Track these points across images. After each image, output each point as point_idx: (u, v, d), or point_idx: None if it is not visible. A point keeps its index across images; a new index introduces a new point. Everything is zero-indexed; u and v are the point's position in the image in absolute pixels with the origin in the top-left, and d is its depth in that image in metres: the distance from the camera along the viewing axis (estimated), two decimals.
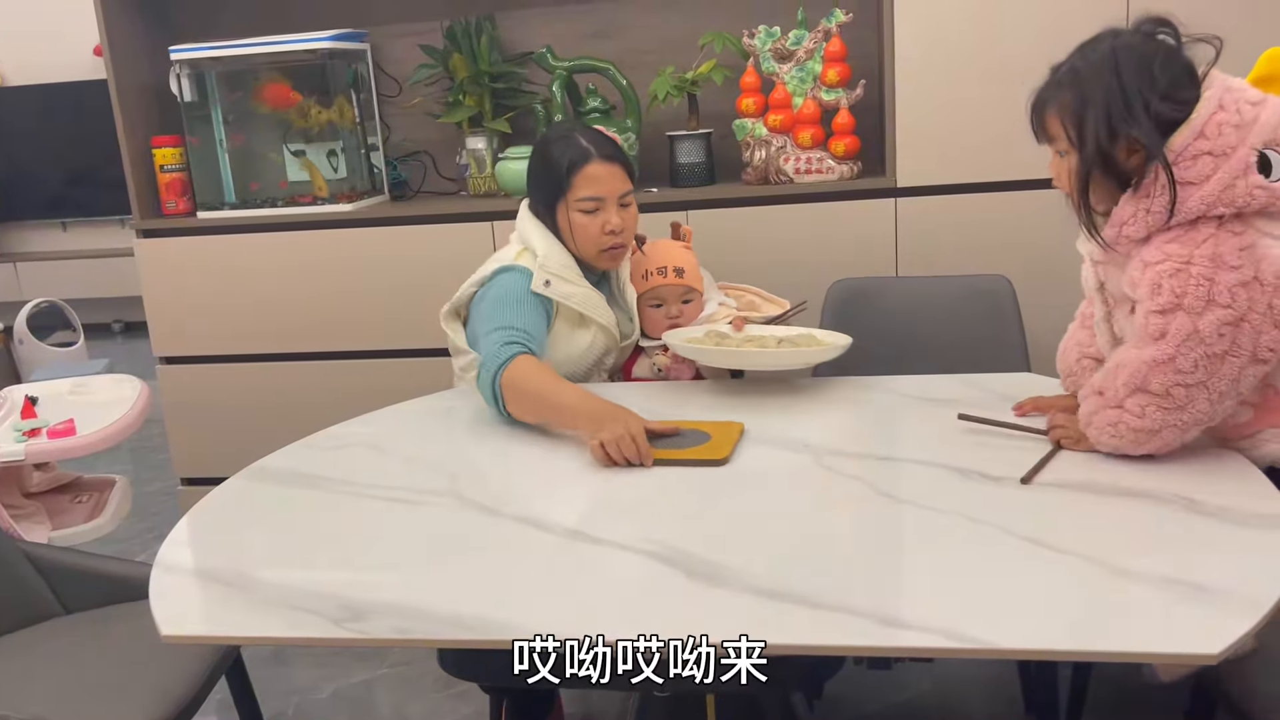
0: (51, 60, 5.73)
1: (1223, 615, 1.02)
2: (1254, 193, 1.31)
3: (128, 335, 6.14)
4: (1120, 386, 1.37)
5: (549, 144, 1.92)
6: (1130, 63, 1.35)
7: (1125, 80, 1.34)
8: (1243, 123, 1.32)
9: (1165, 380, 1.33)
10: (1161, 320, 1.33)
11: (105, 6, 2.63)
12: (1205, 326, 1.30)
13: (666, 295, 1.98)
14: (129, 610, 1.74)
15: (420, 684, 2.26)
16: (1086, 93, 1.37)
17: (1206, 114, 1.33)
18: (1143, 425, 1.36)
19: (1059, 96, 1.41)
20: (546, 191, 1.90)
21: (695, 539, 1.26)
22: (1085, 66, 1.39)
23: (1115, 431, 1.39)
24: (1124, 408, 1.37)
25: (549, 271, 1.85)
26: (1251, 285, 1.30)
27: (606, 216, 1.86)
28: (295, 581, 1.24)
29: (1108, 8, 2.19)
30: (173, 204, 2.78)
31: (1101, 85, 1.36)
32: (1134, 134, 1.34)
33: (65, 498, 2.59)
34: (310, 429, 1.76)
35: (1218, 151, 1.32)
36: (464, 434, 1.73)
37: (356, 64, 2.79)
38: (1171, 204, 1.33)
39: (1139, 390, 1.35)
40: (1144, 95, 1.34)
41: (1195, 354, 1.31)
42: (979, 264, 2.29)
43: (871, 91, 2.49)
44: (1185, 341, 1.31)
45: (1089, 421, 1.42)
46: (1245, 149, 1.32)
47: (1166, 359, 1.32)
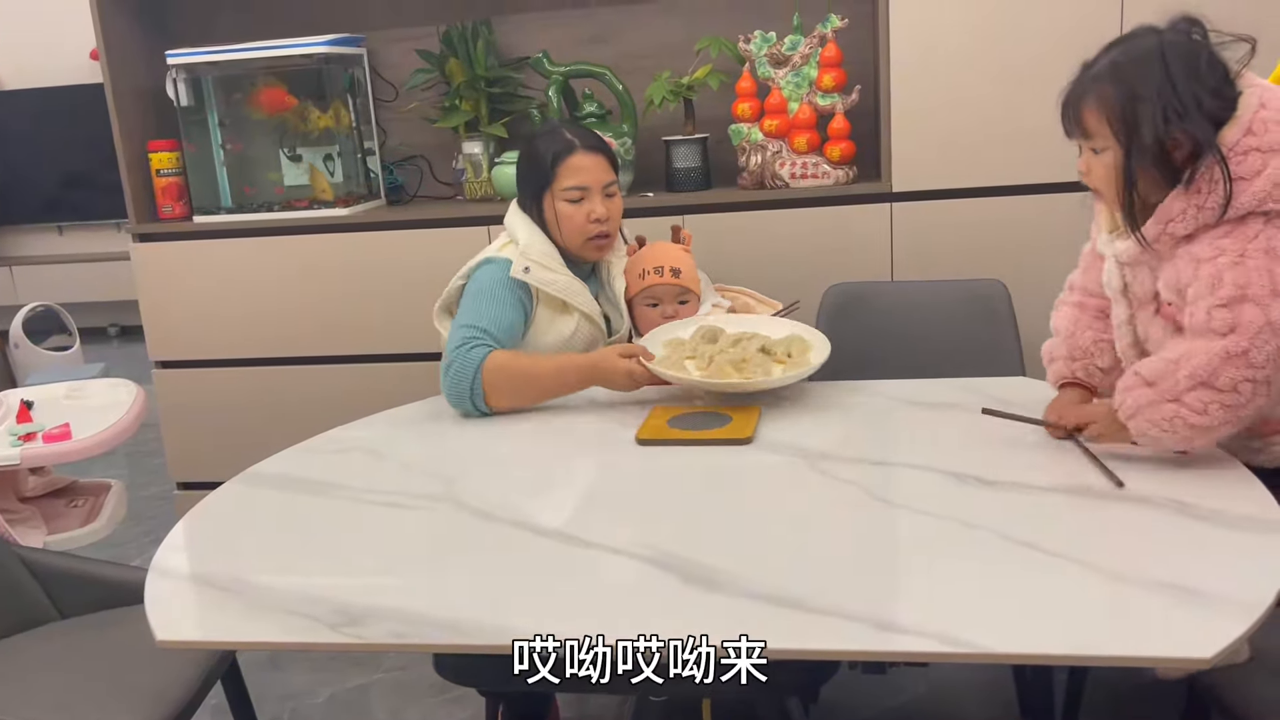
0: (48, 64, 5.73)
1: (1217, 619, 1.02)
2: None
3: (123, 339, 6.14)
4: (1183, 379, 1.32)
5: (535, 139, 1.98)
6: (1178, 59, 1.34)
7: (1175, 76, 1.33)
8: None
9: (1236, 375, 1.29)
10: (1228, 314, 1.30)
11: (102, 10, 2.63)
12: (1277, 317, 1.28)
13: (662, 295, 1.98)
14: (124, 615, 1.74)
15: (416, 689, 2.26)
16: (1135, 87, 1.35)
17: (1252, 111, 1.34)
18: (1201, 422, 1.32)
19: (1100, 91, 1.39)
20: (533, 184, 1.94)
21: (691, 543, 1.26)
22: (1129, 62, 1.38)
23: (1170, 426, 1.34)
24: (1182, 402, 1.32)
25: (529, 259, 1.88)
26: None
27: (591, 206, 1.90)
28: (291, 586, 1.24)
29: (1101, 15, 2.20)
30: (169, 208, 2.78)
31: (1152, 80, 1.34)
32: (1188, 129, 1.34)
33: (61, 502, 2.59)
34: (306, 433, 1.76)
35: (1265, 147, 1.32)
36: (460, 438, 1.73)
37: (353, 69, 2.79)
38: (1227, 199, 1.33)
39: (1204, 385, 1.31)
40: (1195, 91, 1.33)
41: (1270, 347, 1.28)
42: (974, 268, 2.30)
43: (867, 97, 2.49)
44: (1259, 334, 1.28)
45: (1135, 413, 1.37)
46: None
47: (1240, 352, 1.29)
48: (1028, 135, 2.29)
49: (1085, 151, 1.44)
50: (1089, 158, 1.44)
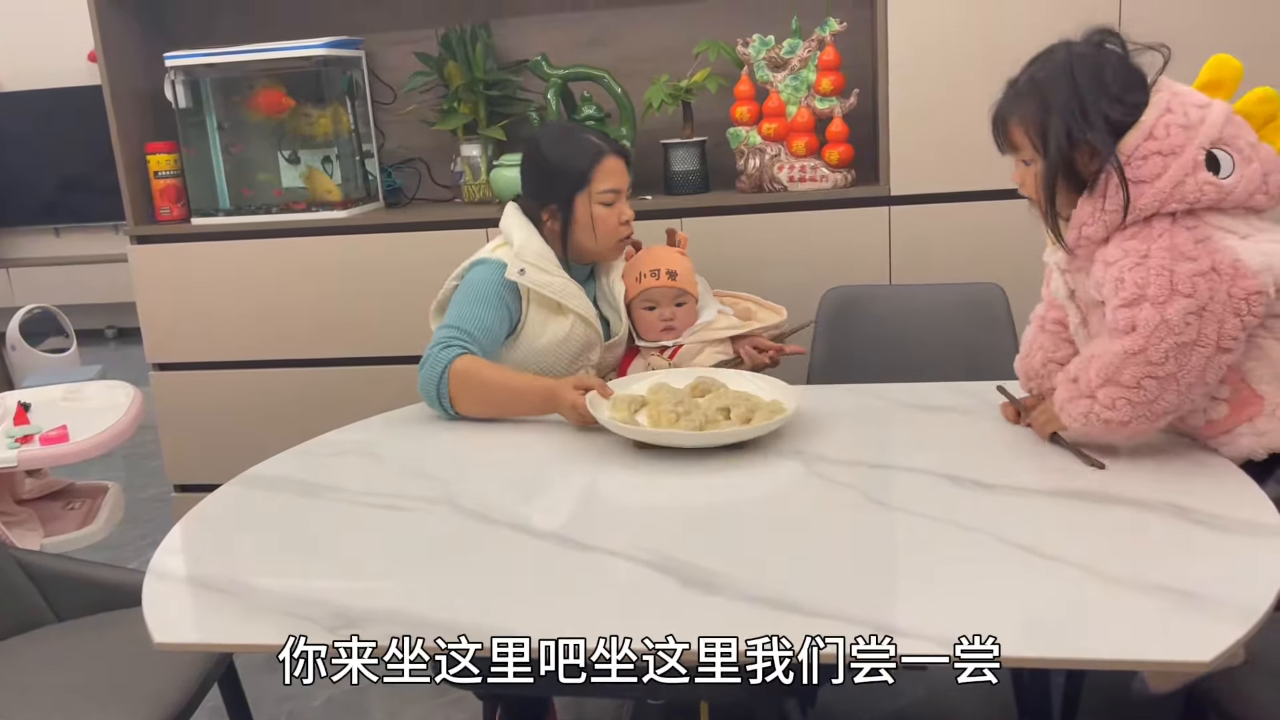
0: (46, 66, 5.72)
1: (1215, 623, 1.02)
2: (1203, 189, 1.36)
3: (121, 341, 6.13)
4: (1093, 376, 1.40)
5: (558, 142, 1.96)
6: (1085, 70, 1.41)
7: (1081, 87, 1.40)
8: (1190, 124, 1.38)
9: (1137, 373, 1.36)
10: (1129, 313, 1.36)
11: (101, 12, 2.63)
12: (1172, 315, 1.33)
13: (659, 297, 1.98)
14: (121, 617, 1.74)
15: (414, 691, 2.25)
16: (1048, 101, 1.42)
17: (1155, 116, 1.39)
18: (1113, 417, 1.39)
19: (1021, 107, 1.46)
20: (564, 187, 1.92)
21: (688, 546, 1.26)
22: (1044, 76, 1.44)
23: (1087, 420, 1.42)
24: (1095, 398, 1.40)
25: (524, 260, 1.88)
26: (1209, 275, 1.34)
27: (621, 208, 1.95)
28: (289, 589, 1.23)
29: (1099, 18, 2.20)
30: (167, 210, 2.78)
31: (1060, 93, 1.41)
32: (1089, 138, 1.39)
33: (58, 504, 2.59)
34: (304, 436, 1.76)
35: (1167, 150, 1.37)
36: (458, 441, 1.73)
37: (351, 71, 2.79)
38: (1125, 202, 1.38)
39: (1111, 382, 1.38)
40: (1098, 101, 1.39)
41: (1166, 344, 1.34)
42: (972, 272, 2.30)
43: (865, 100, 2.50)
44: (1155, 332, 1.34)
45: (1062, 407, 1.45)
46: (1193, 148, 1.37)
47: (1138, 350, 1.35)
48: None
49: (1017, 164, 1.50)
50: (1021, 170, 1.50)
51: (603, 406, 1.66)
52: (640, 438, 1.58)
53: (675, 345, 1.98)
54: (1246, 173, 1.39)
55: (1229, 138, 1.40)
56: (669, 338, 1.99)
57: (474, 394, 1.76)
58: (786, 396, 1.67)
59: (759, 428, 1.56)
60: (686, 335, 1.98)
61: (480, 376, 1.76)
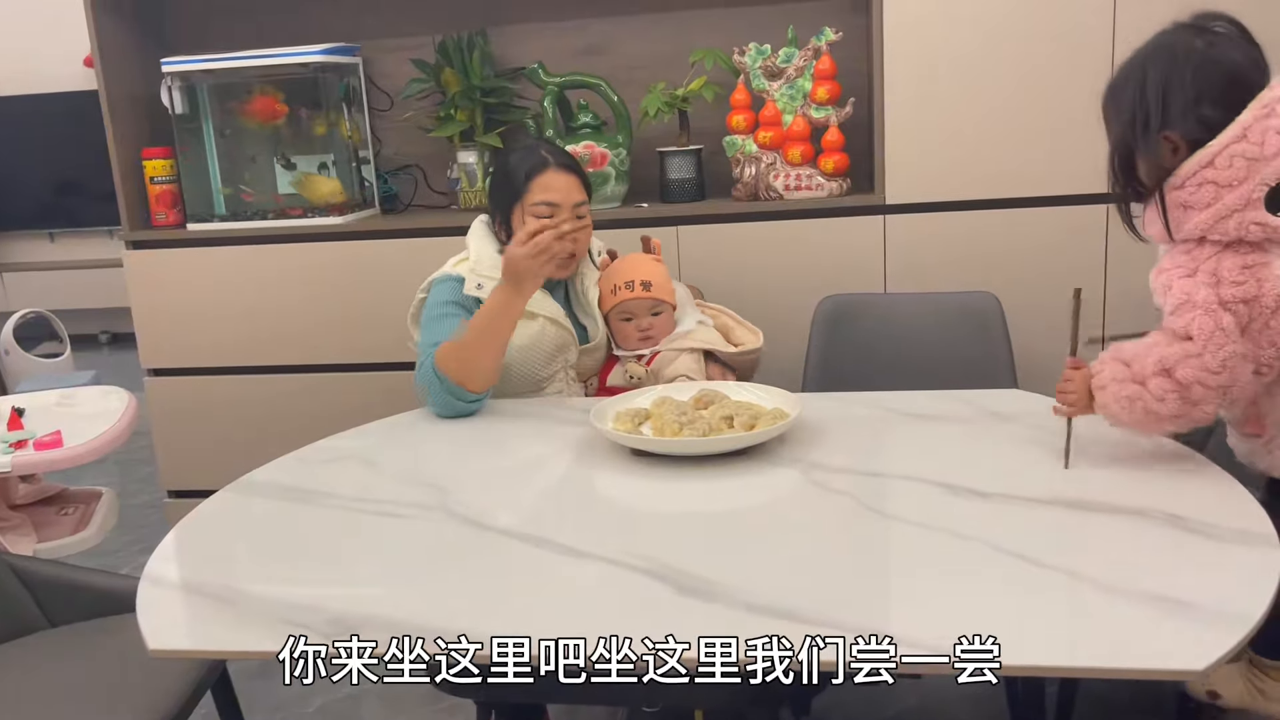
0: (43, 70, 5.72)
1: (1207, 631, 1.03)
2: (1249, 228, 1.32)
3: (115, 346, 6.12)
4: (1150, 364, 1.36)
5: (510, 152, 2.02)
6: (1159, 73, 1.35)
7: (1148, 94, 1.35)
8: (1261, 156, 1.31)
9: (1191, 374, 1.33)
10: (1181, 320, 1.34)
11: (97, 17, 2.63)
12: (1227, 323, 1.31)
13: (635, 309, 1.99)
14: (115, 624, 1.73)
15: (407, 699, 2.25)
16: (1119, 99, 1.39)
17: (1224, 142, 1.32)
18: (1158, 410, 1.36)
19: (1107, 95, 1.42)
20: (503, 197, 1.96)
21: (684, 554, 1.26)
22: (1122, 73, 1.40)
23: (1129, 407, 1.38)
24: (1146, 386, 1.36)
25: (480, 274, 1.91)
26: (1253, 303, 1.32)
27: (559, 224, 1.90)
28: (284, 595, 1.23)
29: (1094, 28, 2.21)
30: (162, 215, 2.78)
31: (1128, 96, 1.37)
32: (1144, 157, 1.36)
33: (51, 510, 2.58)
34: (299, 442, 1.75)
35: (1223, 182, 1.32)
36: (453, 447, 1.73)
37: (348, 78, 2.79)
38: (1166, 229, 1.37)
39: (1166, 374, 1.35)
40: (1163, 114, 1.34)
41: (1224, 352, 1.32)
42: (967, 281, 2.30)
43: (861, 109, 2.51)
44: (1212, 338, 1.32)
45: (1105, 385, 1.41)
46: (1252, 184, 1.31)
47: (1195, 354, 1.33)
48: (1022, 148, 2.30)
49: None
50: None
51: (606, 419, 1.66)
52: (647, 447, 1.58)
53: (653, 352, 1.98)
54: None
55: None
56: (648, 347, 1.99)
57: (462, 357, 1.78)
58: (788, 404, 1.67)
59: (764, 432, 1.56)
60: (664, 343, 1.98)
61: (455, 345, 1.79)
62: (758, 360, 2.01)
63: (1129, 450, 1.51)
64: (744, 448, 1.57)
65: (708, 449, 1.56)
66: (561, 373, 1.97)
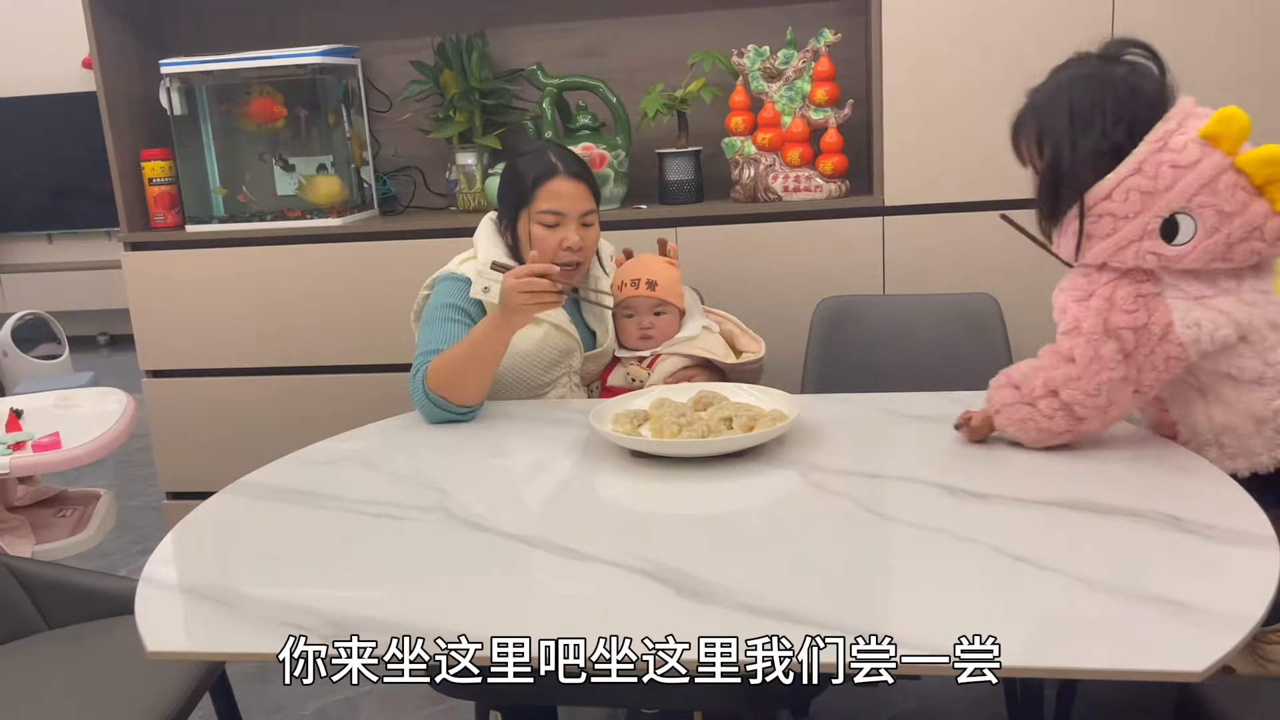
0: (41, 72, 5.72)
1: (1207, 633, 1.03)
2: (1145, 257, 1.38)
3: (113, 348, 6.11)
4: (1039, 385, 1.47)
5: (519, 157, 1.99)
6: (1082, 98, 1.42)
7: (1074, 118, 1.41)
8: (1155, 189, 1.36)
9: (1072, 396, 1.45)
10: (1067, 343, 1.45)
11: (95, 19, 2.63)
12: (1106, 353, 1.41)
13: (637, 306, 1.99)
14: (113, 626, 1.73)
15: (406, 701, 2.25)
16: (1042, 124, 1.46)
17: (1121, 175, 1.38)
18: (1050, 427, 1.48)
19: (1024, 124, 1.50)
20: (510, 202, 1.94)
21: (684, 556, 1.26)
22: (1043, 98, 1.48)
23: (1024, 427, 1.50)
24: (1036, 406, 1.47)
25: (487, 277, 1.89)
26: (1141, 331, 1.40)
27: (566, 233, 1.90)
28: (282, 598, 1.23)
29: (1093, 27, 2.21)
30: (161, 217, 2.77)
31: (1053, 120, 1.44)
32: (1067, 181, 1.42)
33: (49, 511, 2.58)
34: (298, 444, 1.75)
35: (1120, 214, 1.38)
36: (453, 449, 1.73)
37: (347, 79, 2.79)
38: (1077, 248, 1.43)
39: (1053, 394, 1.46)
40: (1082, 137, 1.40)
41: (1100, 378, 1.42)
42: (966, 283, 2.30)
43: (859, 111, 2.51)
44: (1090, 365, 1.42)
45: (999, 410, 1.52)
46: (1149, 215, 1.37)
47: (1076, 378, 1.44)
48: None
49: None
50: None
51: (605, 420, 1.66)
52: (646, 449, 1.58)
53: (654, 355, 1.98)
54: (1206, 243, 1.36)
55: (1198, 206, 1.35)
56: (646, 347, 1.99)
57: (450, 376, 1.77)
58: (787, 405, 1.67)
59: (763, 433, 1.56)
60: (666, 346, 1.98)
61: (445, 360, 1.78)
62: (761, 369, 2.00)
63: (1128, 451, 1.51)
64: (743, 449, 1.57)
65: (707, 450, 1.56)
66: (565, 378, 1.96)
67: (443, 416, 1.80)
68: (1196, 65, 2.20)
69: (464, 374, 1.77)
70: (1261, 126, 2.24)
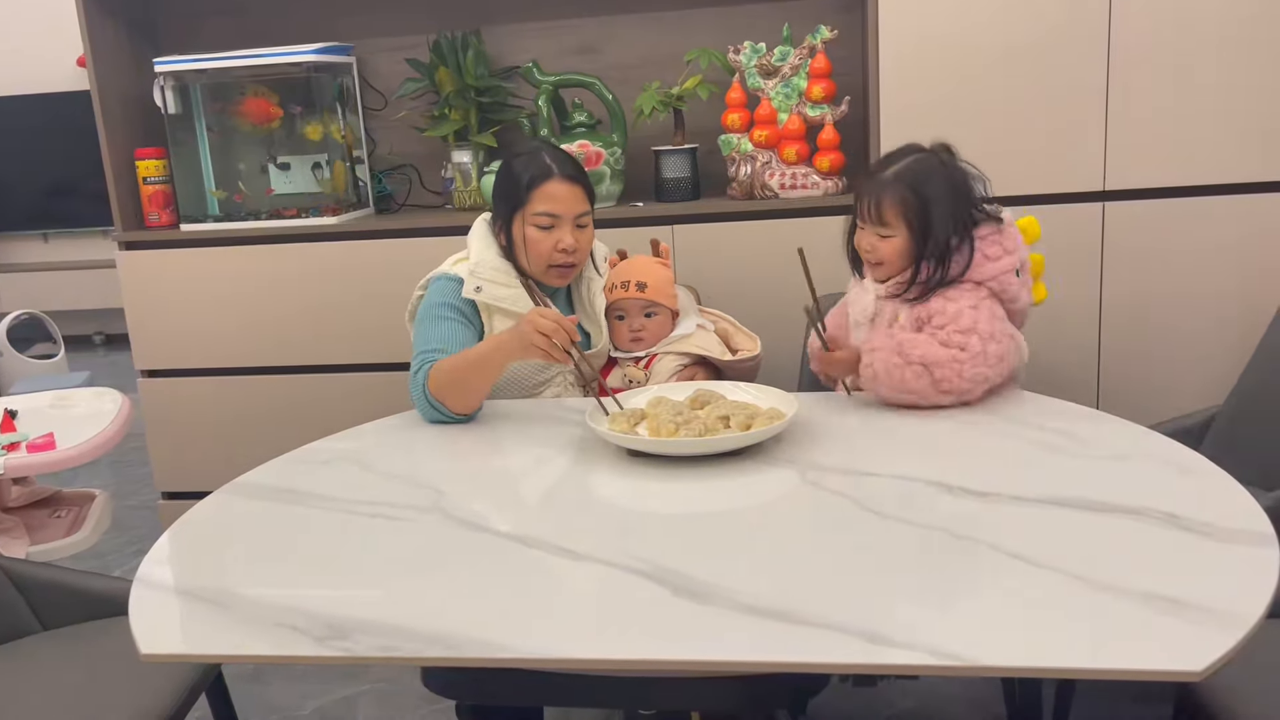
0: (35, 71, 5.71)
1: (1207, 632, 1.02)
2: (1020, 293, 1.78)
3: (109, 348, 6.11)
4: (915, 355, 1.68)
5: (514, 158, 1.98)
6: (957, 174, 1.76)
7: (956, 188, 1.75)
8: (1018, 245, 1.80)
9: (946, 377, 1.68)
10: (961, 337, 1.69)
11: (89, 17, 2.62)
12: (992, 352, 1.70)
13: (628, 308, 1.98)
14: (108, 627, 1.73)
15: (403, 701, 2.24)
16: (926, 194, 1.73)
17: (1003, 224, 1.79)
18: (906, 388, 1.70)
19: (899, 194, 1.74)
20: (506, 204, 1.94)
21: (680, 555, 1.26)
22: (922, 171, 1.75)
23: (887, 372, 1.70)
24: (907, 368, 1.68)
25: (480, 277, 1.89)
26: (1010, 339, 1.75)
27: (560, 235, 1.90)
28: (278, 599, 1.22)
29: (1088, 28, 2.21)
30: (155, 216, 2.77)
31: (939, 189, 1.73)
32: (959, 230, 1.74)
33: (44, 512, 2.57)
34: (294, 443, 1.75)
35: (1009, 248, 1.77)
36: (449, 449, 1.72)
37: (342, 77, 2.78)
38: (967, 265, 1.74)
39: (925, 368, 1.68)
40: (965, 200, 1.76)
41: (977, 371, 1.69)
42: None
43: (856, 108, 2.50)
44: (974, 359, 1.69)
45: (870, 361, 1.72)
46: (1014, 258, 1.77)
47: (959, 363, 1.68)
48: (1015, 147, 2.30)
49: (871, 234, 1.78)
50: (874, 240, 1.78)
51: (601, 420, 1.66)
52: (643, 448, 1.58)
53: (649, 355, 1.98)
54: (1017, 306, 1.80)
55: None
56: (638, 348, 1.99)
57: (452, 385, 1.77)
58: (784, 404, 1.67)
59: (760, 432, 1.56)
60: (661, 346, 1.98)
61: (450, 364, 1.78)
62: (757, 367, 2.00)
63: (1128, 450, 1.51)
64: (740, 448, 1.57)
65: (704, 449, 1.55)
66: (559, 377, 1.96)
67: (439, 418, 1.80)
68: (1196, 65, 2.20)
69: (464, 385, 1.77)
70: (1261, 127, 2.25)
